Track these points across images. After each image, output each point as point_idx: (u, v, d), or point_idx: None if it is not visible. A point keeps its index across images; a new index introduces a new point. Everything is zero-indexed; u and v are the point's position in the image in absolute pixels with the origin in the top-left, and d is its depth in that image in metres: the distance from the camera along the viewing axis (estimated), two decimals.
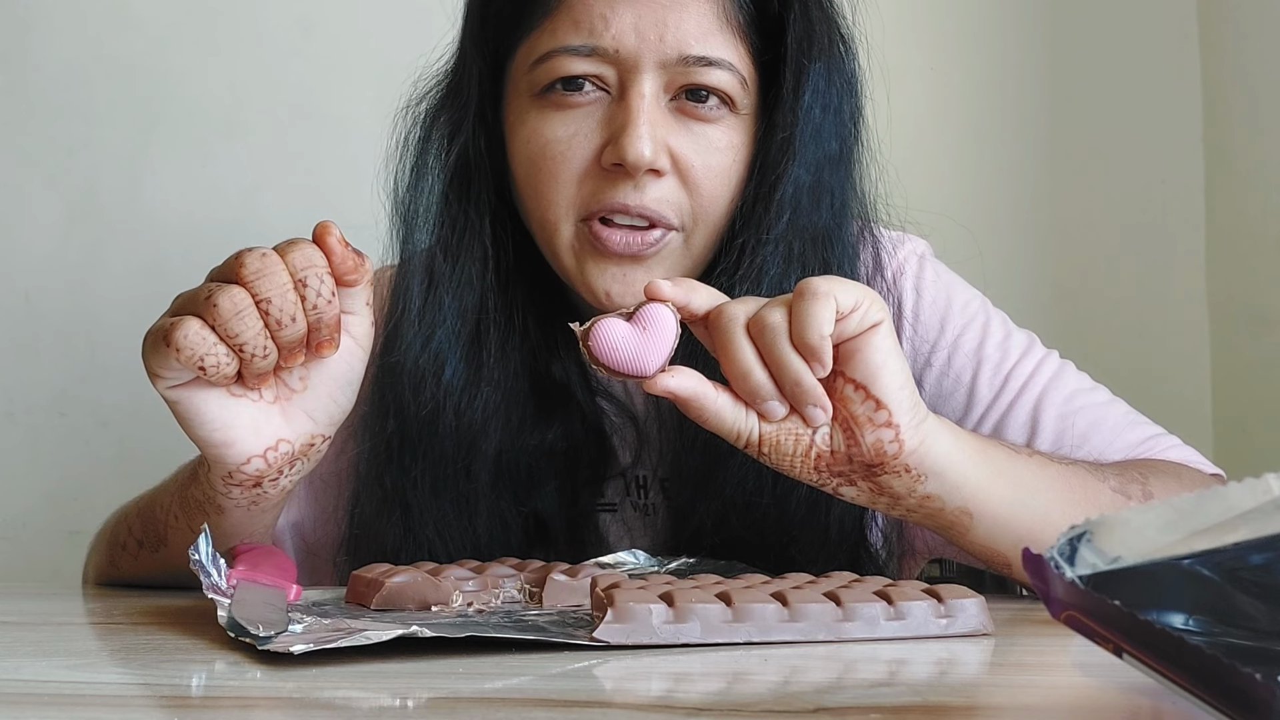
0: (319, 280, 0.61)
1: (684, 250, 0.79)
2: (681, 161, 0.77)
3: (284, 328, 0.61)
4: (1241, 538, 0.39)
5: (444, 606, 0.63)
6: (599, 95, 0.77)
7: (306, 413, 0.66)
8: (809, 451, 0.63)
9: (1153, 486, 0.72)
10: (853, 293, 0.60)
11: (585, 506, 0.85)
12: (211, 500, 0.69)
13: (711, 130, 0.78)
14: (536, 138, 0.78)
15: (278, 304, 0.60)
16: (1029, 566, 0.38)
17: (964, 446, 0.65)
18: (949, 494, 0.64)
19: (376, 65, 1.33)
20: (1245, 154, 1.44)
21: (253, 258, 0.61)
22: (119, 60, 1.52)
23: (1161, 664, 0.34)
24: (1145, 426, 0.82)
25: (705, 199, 0.78)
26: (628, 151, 0.74)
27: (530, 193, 0.79)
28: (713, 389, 0.62)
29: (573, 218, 0.78)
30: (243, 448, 0.64)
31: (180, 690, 0.47)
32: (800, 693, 0.45)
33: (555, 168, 0.77)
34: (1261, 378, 1.39)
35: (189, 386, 0.63)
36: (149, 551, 0.79)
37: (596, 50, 0.76)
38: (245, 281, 0.60)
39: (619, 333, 0.61)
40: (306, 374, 0.65)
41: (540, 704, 0.42)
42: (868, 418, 0.61)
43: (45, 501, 1.47)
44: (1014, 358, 0.83)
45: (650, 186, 0.76)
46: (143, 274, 1.49)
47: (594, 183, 0.77)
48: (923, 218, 0.88)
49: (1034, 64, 1.53)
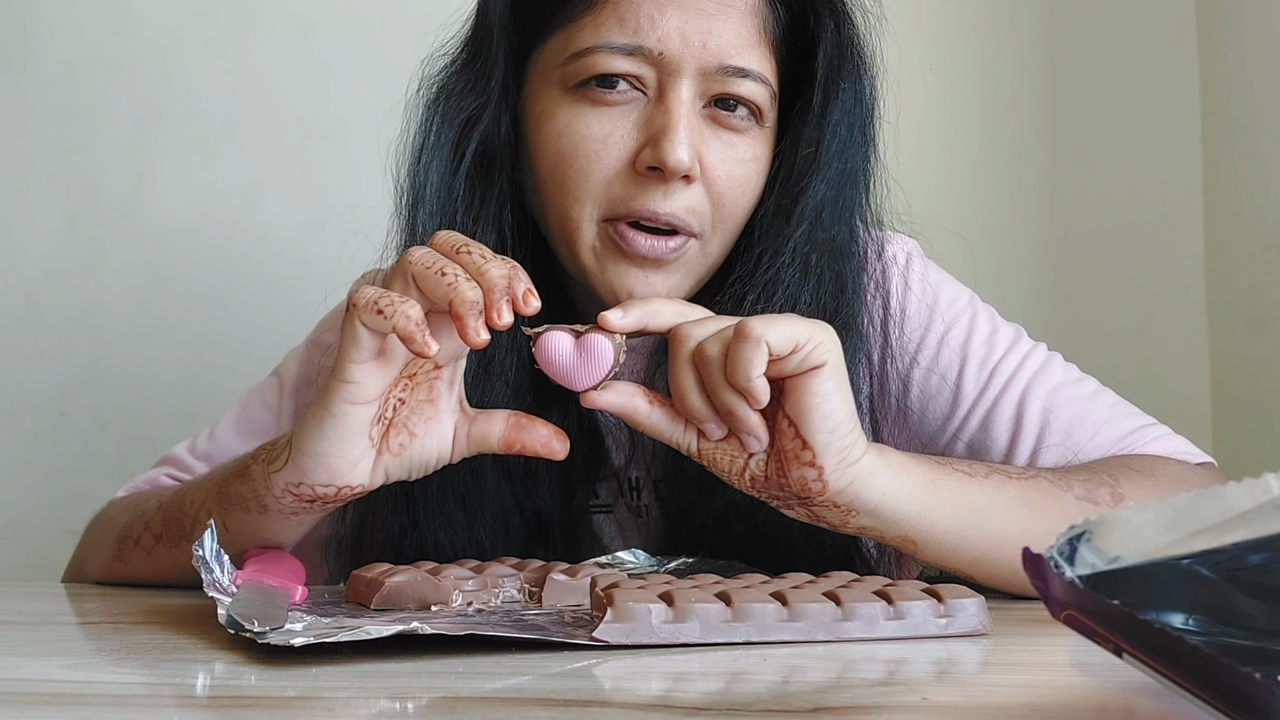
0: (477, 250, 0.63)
1: (700, 257, 0.80)
2: (709, 171, 0.77)
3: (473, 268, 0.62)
4: (1240, 538, 0.39)
5: (444, 606, 0.63)
6: (635, 96, 0.77)
7: (385, 470, 0.67)
8: (743, 473, 0.65)
9: (1123, 488, 0.72)
10: (793, 334, 0.61)
11: (580, 507, 0.85)
12: (258, 498, 0.69)
13: (739, 141, 0.78)
14: (569, 133, 0.77)
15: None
16: (1028, 566, 0.38)
17: (905, 482, 0.66)
18: (886, 526, 0.66)
19: (376, 65, 1.33)
20: (1244, 154, 1.44)
21: (415, 250, 0.63)
22: (119, 60, 1.52)
23: (1161, 663, 0.34)
24: (1132, 418, 0.82)
25: (727, 208, 0.78)
26: (668, 156, 0.74)
27: (555, 188, 0.78)
28: (646, 405, 0.65)
29: (598, 218, 0.78)
30: (332, 473, 0.65)
31: (180, 690, 0.47)
32: (800, 692, 0.45)
33: (587, 165, 0.77)
34: (1261, 378, 1.39)
35: (360, 386, 0.63)
36: (166, 546, 0.79)
37: (641, 50, 0.75)
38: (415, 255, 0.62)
39: (562, 347, 0.64)
40: (409, 443, 0.66)
41: (540, 704, 0.42)
42: (795, 454, 0.63)
43: (45, 501, 1.47)
44: (999, 352, 0.83)
45: (679, 194, 0.76)
46: (143, 274, 1.49)
47: (624, 185, 0.77)
48: (922, 218, 0.88)
49: (1034, 64, 1.54)
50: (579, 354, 0.64)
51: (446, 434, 0.67)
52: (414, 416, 0.66)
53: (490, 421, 0.67)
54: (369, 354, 0.62)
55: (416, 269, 0.61)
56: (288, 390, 0.94)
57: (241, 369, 1.42)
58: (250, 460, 0.71)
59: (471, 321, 0.60)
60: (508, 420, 0.67)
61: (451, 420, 0.67)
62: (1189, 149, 1.51)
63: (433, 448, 0.67)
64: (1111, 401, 0.83)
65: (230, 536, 0.72)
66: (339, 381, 0.63)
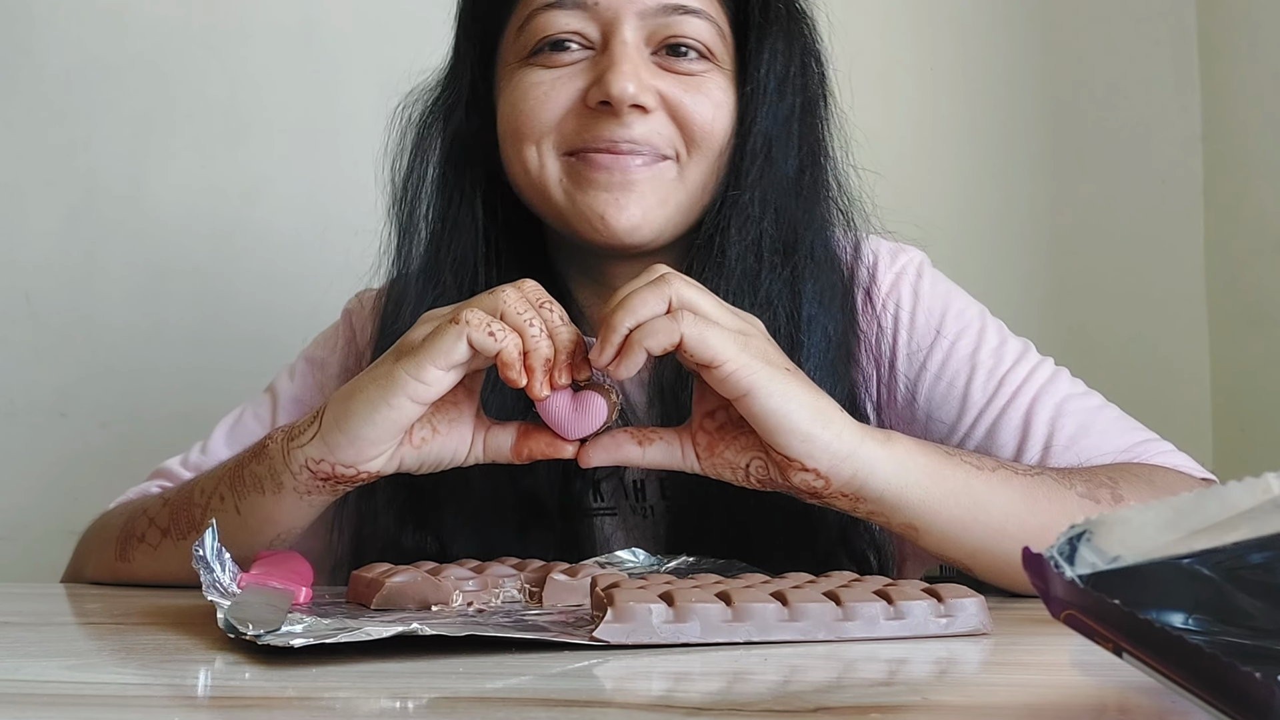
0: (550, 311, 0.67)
1: (678, 181, 0.82)
2: (670, 99, 0.80)
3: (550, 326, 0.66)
4: (1241, 537, 0.39)
5: (444, 606, 0.63)
6: (585, 54, 0.80)
7: (401, 460, 0.69)
8: (747, 479, 0.68)
9: (1123, 490, 0.72)
10: (715, 352, 0.62)
11: (583, 509, 0.86)
12: (275, 476, 0.71)
13: (694, 80, 0.81)
14: (521, 90, 0.81)
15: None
16: (1029, 566, 0.38)
17: (911, 471, 0.66)
18: (891, 512, 0.67)
19: (376, 65, 1.33)
20: (1245, 154, 1.44)
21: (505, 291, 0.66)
22: (119, 60, 1.52)
23: (1161, 663, 0.34)
24: (1137, 432, 0.82)
25: (696, 131, 0.81)
26: (612, 86, 0.77)
27: (512, 139, 0.82)
28: (638, 449, 0.68)
29: (558, 154, 0.81)
30: (359, 455, 0.67)
31: (181, 690, 0.47)
32: (800, 692, 0.45)
33: (538, 107, 0.81)
34: (1261, 378, 1.39)
35: (430, 389, 0.65)
36: (174, 540, 0.79)
37: (577, 2, 0.79)
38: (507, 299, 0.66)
39: (559, 399, 0.67)
40: (430, 438, 0.69)
41: (540, 704, 0.42)
42: (786, 463, 0.65)
43: (45, 501, 1.47)
44: (1008, 364, 0.84)
45: (637, 123, 0.79)
46: (143, 274, 1.49)
47: (578, 120, 0.80)
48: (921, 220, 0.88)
49: (1034, 64, 1.54)
50: (574, 407, 0.67)
51: (465, 437, 0.70)
52: (438, 415, 0.69)
53: (504, 432, 0.70)
54: (455, 363, 0.64)
55: (509, 309, 0.65)
56: (282, 406, 0.95)
57: (241, 369, 1.42)
58: (267, 440, 0.73)
59: (540, 377, 0.64)
60: (517, 430, 0.70)
61: (469, 425, 0.70)
62: (1190, 148, 1.51)
63: (450, 447, 0.70)
64: (1116, 415, 0.83)
65: (242, 521, 0.73)
66: (412, 379, 0.64)
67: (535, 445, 0.69)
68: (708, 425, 0.68)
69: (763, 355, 0.64)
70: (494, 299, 0.66)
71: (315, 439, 0.68)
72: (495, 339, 0.63)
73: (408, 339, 0.67)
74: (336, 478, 0.69)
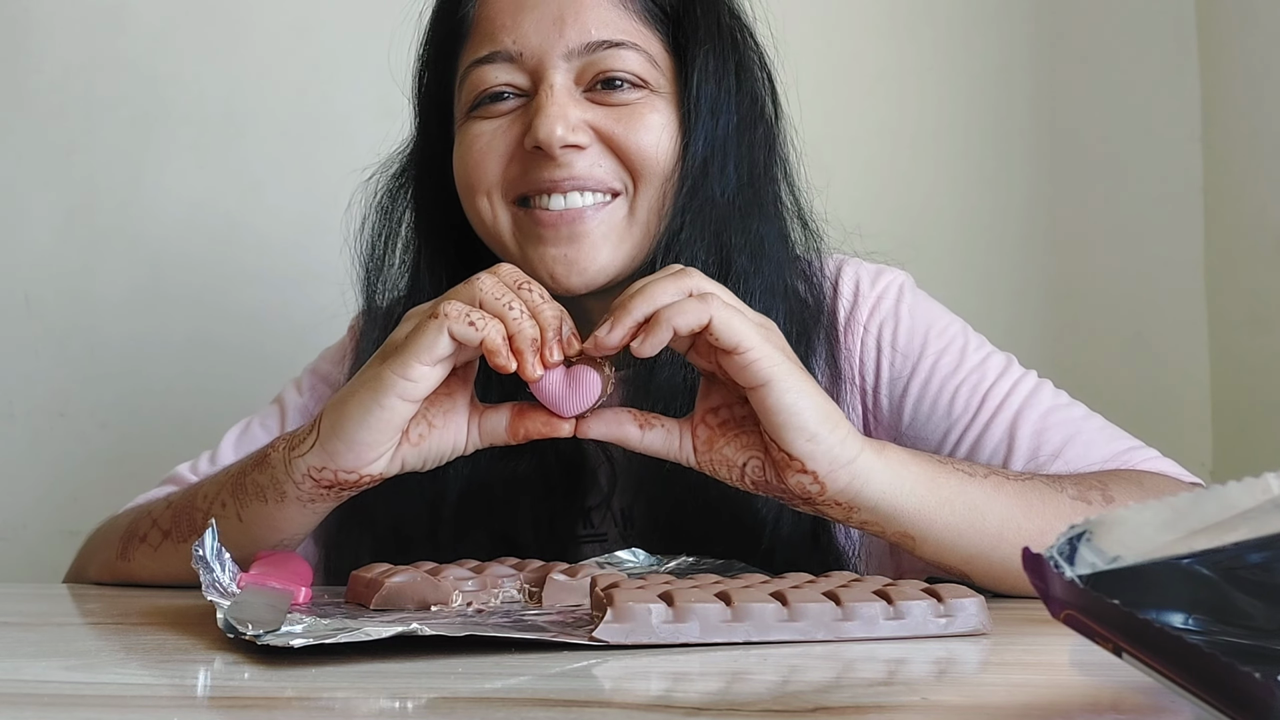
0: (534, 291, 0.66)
1: (628, 220, 0.82)
2: (603, 131, 0.81)
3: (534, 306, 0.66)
4: (1240, 537, 0.39)
5: (443, 606, 0.63)
6: (520, 101, 0.82)
7: (403, 460, 0.69)
8: (742, 478, 0.68)
9: (1113, 492, 0.72)
10: (739, 337, 0.62)
11: (564, 534, 0.86)
12: (277, 485, 0.71)
13: (630, 110, 0.82)
14: (464, 143, 0.83)
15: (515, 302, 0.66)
16: (1028, 566, 0.38)
17: (905, 480, 0.66)
18: (886, 521, 0.67)
19: (376, 65, 1.33)
20: (1245, 154, 1.44)
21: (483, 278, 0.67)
22: (119, 60, 1.52)
23: (1160, 663, 0.34)
24: (1122, 439, 0.82)
25: (636, 160, 0.81)
26: (540, 130, 0.78)
27: (465, 191, 0.84)
28: (637, 429, 0.68)
29: (506, 201, 0.82)
30: (359, 459, 0.68)
31: (180, 690, 0.47)
32: (799, 692, 0.45)
33: (482, 158, 0.82)
34: (1261, 378, 1.39)
35: (418, 386, 0.65)
36: (174, 542, 0.80)
37: (501, 54, 0.81)
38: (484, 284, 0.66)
39: (552, 374, 0.66)
40: (428, 434, 0.69)
41: (540, 704, 0.42)
42: (786, 463, 0.65)
43: (45, 501, 1.47)
44: (990, 378, 0.84)
45: (576, 160, 0.80)
46: (142, 274, 1.49)
47: (520, 165, 0.81)
48: (921, 221, 0.88)
49: (1033, 64, 1.54)
50: (568, 383, 0.66)
51: (462, 426, 0.70)
52: (433, 409, 0.69)
53: (498, 414, 0.70)
54: (439, 358, 0.64)
55: (486, 296, 0.65)
56: (289, 418, 0.97)
57: (241, 369, 1.42)
58: (269, 449, 0.73)
59: (530, 358, 0.64)
60: (511, 410, 0.70)
61: (465, 414, 0.70)
62: (1189, 149, 1.51)
63: (449, 439, 0.69)
64: (1101, 424, 0.83)
65: (244, 528, 0.74)
66: (399, 378, 0.64)
67: (531, 425, 0.69)
68: (710, 420, 0.68)
69: (783, 349, 0.65)
70: (470, 288, 0.66)
71: (315, 447, 0.68)
72: (476, 328, 0.63)
73: (392, 339, 0.67)
74: (340, 484, 0.69)
